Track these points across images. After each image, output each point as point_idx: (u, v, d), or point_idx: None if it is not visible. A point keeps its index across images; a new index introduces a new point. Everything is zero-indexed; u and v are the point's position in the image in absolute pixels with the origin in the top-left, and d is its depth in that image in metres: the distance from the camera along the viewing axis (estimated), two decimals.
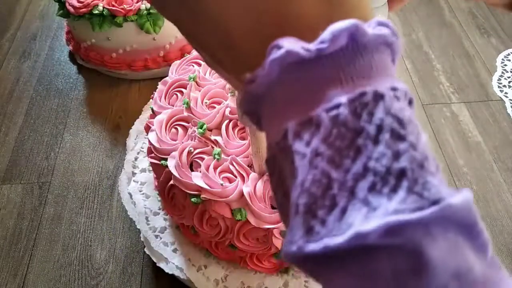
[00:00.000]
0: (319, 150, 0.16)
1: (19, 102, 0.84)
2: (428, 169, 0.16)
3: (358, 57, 0.17)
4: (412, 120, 0.16)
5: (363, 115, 0.16)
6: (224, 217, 0.47)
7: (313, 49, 0.16)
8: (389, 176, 0.15)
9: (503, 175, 0.71)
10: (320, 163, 0.16)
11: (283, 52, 0.16)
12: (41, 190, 0.70)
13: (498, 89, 0.84)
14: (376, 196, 0.15)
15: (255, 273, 0.54)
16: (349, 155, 0.16)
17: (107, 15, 0.78)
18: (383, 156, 0.15)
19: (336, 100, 0.16)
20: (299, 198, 0.16)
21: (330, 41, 0.16)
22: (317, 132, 0.16)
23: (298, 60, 0.17)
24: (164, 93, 0.56)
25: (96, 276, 0.61)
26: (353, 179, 0.15)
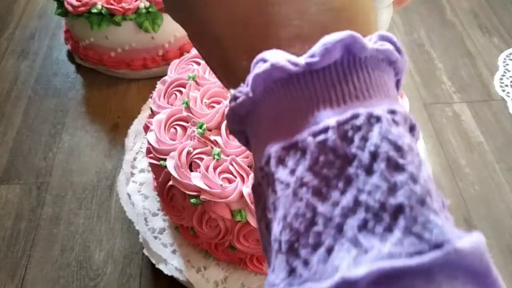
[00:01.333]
0: (304, 179, 0.14)
1: (17, 101, 0.84)
2: (430, 206, 0.14)
3: (353, 74, 0.15)
4: (412, 148, 0.14)
5: (355, 140, 0.14)
6: (224, 218, 0.47)
7: (302, 63, 0.15)
8: (384, 213, 0.13)
9: (505, 175, 0.70)
10: (305, 195, 0.14)
11: (267, 66, 0.15)
12: (39, 191, 0.70)
13: (500, 89, 0.83)
14: (368, 236, 0.13)
15: (255, 274, 0.53)
16: (337, 186, 0.14)
17: (106, 14, 0.78)
18: (377, 189, 0.13)
19: (324, 123, 0.14)
20: (281, 234, 0.14)
21: (322, 55, 0.14)
22: (302, 159, 0.14)
23: (285, 76, 0.15)
24: (163, 93, 0.56)
25: (95, 278, 0.60)
26: (342, 214, 0.13)
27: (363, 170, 0.14)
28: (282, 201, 0.15)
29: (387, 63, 0.16)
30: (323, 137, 0.14)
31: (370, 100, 0.15)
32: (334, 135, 0.14)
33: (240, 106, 0.16)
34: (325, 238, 0.13)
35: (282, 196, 0.15)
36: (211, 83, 0.54)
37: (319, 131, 0.14)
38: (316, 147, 0.14)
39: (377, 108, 0.14)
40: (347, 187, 0.14)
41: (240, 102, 0.16)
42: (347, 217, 0.13)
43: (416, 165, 0.14)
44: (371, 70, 0.15)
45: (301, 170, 0.14)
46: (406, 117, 0.15)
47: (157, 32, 0.80)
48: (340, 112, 0.14)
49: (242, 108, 0.16)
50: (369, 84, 0.15)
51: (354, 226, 0.13)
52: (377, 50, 0.15)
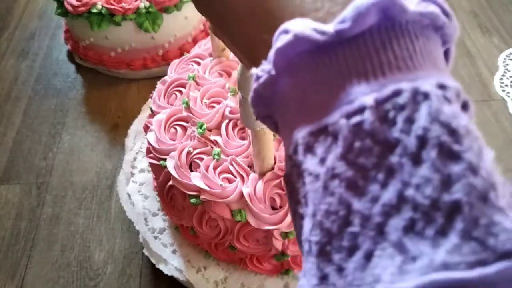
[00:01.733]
0: (336, 170, 0.12)
1: (17, 101, 0.84)
2: (495, 203, 0.11)
3: (393, 42, 0.12)
4: (470, 132, 0.12)
5: (398, 122, 0.11)
6: (224, 218, 0.47)
7: (330, 31, 0.12)
8: (436, 212, 0.11)
9: (505, 176, 0.70)
10: (337, 189, 0.12)
11: (290, 38, 0.12)
12: (39, 191, 0.70)
13: (500, 89, 0.83)
14: (416, 240, 0.11)
15: (255, 274, 0.53)
16: (377, 178, 0.11)
17: (106, 14, 0.78)
18: (427, 183, 0.11)
19: (359, 102, 0.12)
20: (311, 233, 0.12)
21: (354, 20, 0.12)
22: (334, 146, 0.12)
23: (311, 48, 0.13)
24: (163, 93, 0.56)
25: (95, 277, 0.60)
26: (383, 213, 0.11)
27: (409, 159, 0.11)
28: (311, 196, 0.13)
29: (432, 29, 0.13)
30: (359, 119, 0.12)
31: (415, 72, 0.12)
32: (372, 116, 0.12)
33: (263, 87, 0.14)
34: (362, 241, 0.11)
35: (311, 190, 0.12)
36: (211, 83, 0.54)
37: (354, 111, 0.12)
38: (350, 131, 0.12)
39: (424, 81, 0.12)
40: (389, 180, 0.11)
41: (262, 81, 0.14)
42: (389, 216, 0.11)
43: (475, 152, 0.12)
44: (414, 37, 0.13)
45: (333, 159, 0.12)
46: (459, 92, 0.13)
47: (157, 32, 0.80)
48: (378, 87, 0.12)
49: (265, 89, 0.14)
50: (413, 52, 0.12)
51: (398, 228, 0.11)
52: (421, 14, 0.13)
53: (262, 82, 0.14)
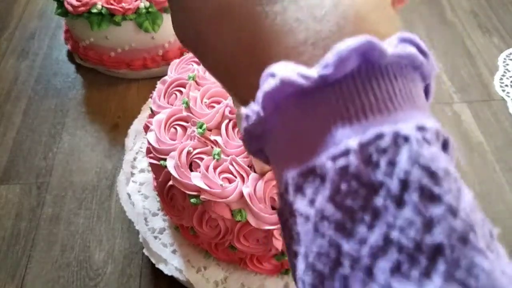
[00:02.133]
0: (325, 212, 0.12)
1: (17, 101, 0.84)
2: (475, 245, 0.12)
3: (373, 84, 0.13)
4: (449, 173, 0.12)
5: (381, 165, 0.12)
6: (224, 218, 0.47)
7: (314, 76, 0.13)
8: (420, 254, 0.11)
9: (505, 176, 0.70)
10: (327, 230, 0.12)
11: (276, 83, 0.13)
12: (39, 191, 0.70)
13: (500, 89, 0.83)
14: (403, 281, 0.11)
15: (255, 274, 0.53)
16: (364, 220, 0.12)
17: (106, 14, 0.78)
18: (410, 225, 0.12)
19: (344, 145, 0.12)
20: (304, 274, 0.13)
21: (336, 65, 0.13)
22: (321, 187, 0.13)
23: (297, 91, 0.13)
24: (163, 93, 0.56)
25: (95, 277, 0.60)
26: (371, 254, 0.12)
27: (393, 201, 0.12)
28: (303, 237, 0.13)
29: (411, 68, 0.14)
30: (344, 162, 0.12)
31: (395, 113, 0.13)
32: (356, 159, 0.12)
33: (253, 126, 0.14)
34: (353, 283, 0.12)
35: (303, 231, 0.13)
36: (211, 83, 0.54)
37: (339, 154, 0.12)
38: (336, 174, 0.12)
39: (404, 124, 0.12)
40: (375, 222, 0.12)
41: (252, 122, 0.14)
42: (377, 257, 0.12)
43: (454, 194, 0.12)
44: (394, 78, 0.13)
45: (321, 201, 0.13)
46: (438, 133, 0.13)
47: (157, 32, 0.80)
48: (361, 130, 0.13)
49: (255, 128, 0.14)
50: (393, 94, 0.13)
51: (385, 269, 0.11)
52: (399, 56, 0.13)
53: (252, 122, 0.14)
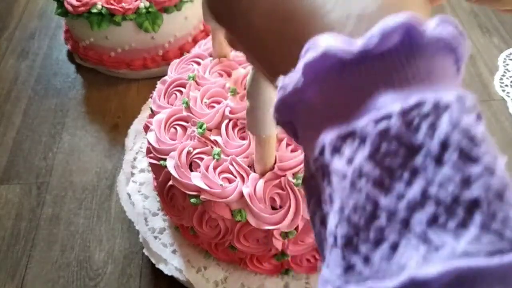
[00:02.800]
0: (364, 169, 0.13)
1: (17, 101, 0.84)
2: (510, 200, 0.12)
3: (415, 59, 0.14)
4: (486, 138, 0.13)
5: (422, 128, 0.13)
6: (224, 218, 0.47)
7: (357, 50, 0.13)
8: (457, 207, 0.12)
9: None
10: (364, 186, 0.13)
11: (318, 54, 0.13)
12: (39, 191, 0.70)
13: (500, 89, 0.83)
14: (439, 232, 0.12)
15: (255, 274, 0.53)
16: (402, 177, 0.12)
17: (106, 14, 0.78)
18: (449, 181, 0.12)
19: (386, 109, 0.13)
20: (338, 227, 0.13)
21: (380, 39, 0.13)
22: (361, 147, 0.13)
23: (339, 62, 0.14)
24: (163, 93, 0.56)
25: (95, 277, 0.60)
26: (408, 208, 0.12)
27: (432, 160, 0.12)
28: (338, 193, 0.14)
29: (448, 50, 0.15)
30: (386, 125, 0.13)
31: (436, 85, 0.14)
32: (398, 122, 0.13)
33: (289, 96, 0.15)
34: (388, 234, 0.12)
35: (339, 188, 0.13)
36: (211, 83, 0.54)
37: (381, 117, 0.13)
38: (377, 135, 0.13)
39: (445, 93, 0.13)
40: (414, 178, 0.12)
41: (289, 91, 0.15)
42: (414, 211, 0.12)
43: (491, 157, 0.13)
44: (431, 56, 0.14)
45: (360, 159, 0.13)
46: (475, 104, 0.14)
47: (157, 32, 0.80)
48: (403, 96, 0.13)
49: (292, 97, 0.15)
50: (433, 68, 0.14)
51: (422, 221, 0.12)
52: (440, 34, 0.14)
53: (289, 91, 0.15)
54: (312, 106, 0.15)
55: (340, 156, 0.14)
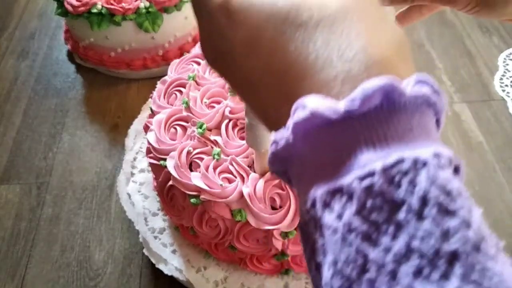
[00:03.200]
0: (352, 225, 0.14)
1: (17, 101, 0.84)
2: (487, 252, 0.14)
3: (393, 118, 0.15)
4: (461, 193, 0.14)
5: (403, 185, 0.14)
6: (224, 218, 0.47)
7: (342, 110, 0.15)
8: (439, 259, 0.13)
9: (505, 176, 0.70)
10: (354, 240, 0.14)
11: (307, 114, 0.15)
12: (39, 191, 0.70)
13: (500, 89, 0.83)
14: (424, 283, 0.13)
15: (255, 274, 0.53)
16: (387, 231, 0.14)
17: (106, 14, 0.78)
18: (429, 235, 0.13)
19: (369, 167, 0.14)
20: (333, 280, 0.14)
21: (362, 101, 0.15)
22: (349, 204, 0.14)
23: (325, 122, 0.15)
24: (163, 93, 0.56)
25: (95, 277, 0.60)
26: (394, 261, 0.13)
27: (414, 215, 0.14)
28: (331, 246, 0.15)
29: (426, 105, 0.16)
30: (370, 182, 0.14)
31: (413, 142, 0.15)
32: (380, 179, 0.14)
33: (281, 151, 0.16)
34: (379, 285, 0.13)
35: (331, 242, 0.15)
36: (211, 83, 0.54)
37: (365, 175, 0.14)
38: (363, 192, 0.14)
39: (422, 151, 0.14)
40: (398, 233, 0.14)
41: (281, 147, 0.16)
42: (400, 263, 0.13)
43: (467, 210, 0.14)
44: (411, 113, 0.15)
45: (349, 215, 0.14)
46: (451, 159, 0.15)
47: (157, 32, 0.80)
48: (383, 155, 0.14)
49: (283, 152, 0.16)
50: (410, 126, 0.15)
51: (409, 273, 0.13)
52: (416, 95, 0.15)
53: (280, 147, 0.16)
54: (303, 160, 0.16)
55: (330, 211, 0.15)
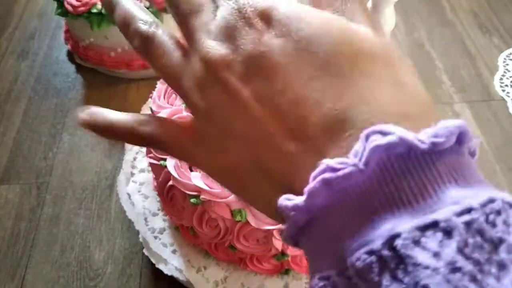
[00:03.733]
0: (457, 263, 0.13)
1: (17, 101, 0.84)
2: None
3: (464, 158, 0.15)
4: None
5: (498, 224, 0.13)
6: (224, 218, 0.47)
7: (428, 142, 0.14)
8: None
9: (505, 176, 0.70)
10: (460, 281, 0.13)
11: (395, 139, 0.14)
12: (39, 191, 0.70)
13: (500, 89, 0.83)
14: None
15: (255, 274, 0.53)
16: (491, 271, 0.13)
17: (106, 13, 0.77)
18: None
19: (466, 203, 0.13)
20: None
21: (447, 136, 0.14)
22: (447, 241, 0.13)
23: (405, 152, 0.14)
24: (163, 93, 0.56)
25: (95, 277, 0.60)
26: None
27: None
28: None
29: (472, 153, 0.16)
30: (469, 218, 0.13)
31: (484, 182, 0.15)
32: (480, 216, 0.13)
33: (342, 178, 0.14)
34: None
35: (432, 284, 0.13)
36: None
37: (463, 211, 0.13)
38: (463, 229, 0.13)
39: (505, 193, 0.14)
40: (502, 273, 0.13)
41: (345, 173, 0.14)
42: None
43: None
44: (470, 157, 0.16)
45: (450, 253, 0.13)
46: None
47: None
48: (471, 193, 0.14)
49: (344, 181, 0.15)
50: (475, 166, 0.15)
51: None
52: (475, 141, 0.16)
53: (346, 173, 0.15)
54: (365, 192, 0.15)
55: (423, 249, 0.13)
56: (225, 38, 0.17)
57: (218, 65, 0.17)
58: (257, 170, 0.17)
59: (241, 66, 0.17)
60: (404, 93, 0.16)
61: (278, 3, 0.17)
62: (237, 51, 0.17)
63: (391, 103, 0.16)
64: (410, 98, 0.16)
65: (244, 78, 0.17)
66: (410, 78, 0.17)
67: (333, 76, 0.16)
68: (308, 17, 0.17)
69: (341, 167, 0.14)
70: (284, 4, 0.17)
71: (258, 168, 0.17)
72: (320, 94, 0.16)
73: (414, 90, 0.17)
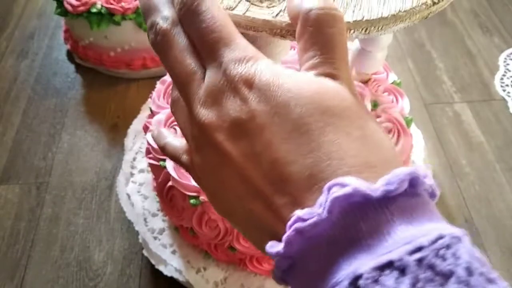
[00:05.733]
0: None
1: (16, 101, 0.83)
2: None
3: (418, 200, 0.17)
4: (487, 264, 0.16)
5: (448, 258, 0.15)
6: (224, 218, 0.47)
7: (380, 190, 0.16)
8: None
9: (505, 175, 0.70)
10: None
11: (349, 190, 0.16)
12: (38, 191, 0.70)
13: (501, 89, 0.83)
14: None
15: (255, 275, 0.53)
16: None
17: (105, 13, 0.77)
18: None
19: (416, 242, 0.15)
20: None
21: (398, 183, 0.16)
22: (401, 278, 0.15)
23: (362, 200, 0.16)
24: (163, 93, 0.56)
25: (94, 278, 0.60)
26: None
27: (464, 285, 0.15)
28: None
29: (431, 196, 0.18)
30: (420, 255, 0.15)
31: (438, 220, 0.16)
32: (430, 252, 0.15)
33: (310, 227, 0.16)
34: None
35: None
36: None
37: (414, 249, 0.15)
38: (415, 266, 0.15)
39: (453, 228, 0.16)
40: None
41: (312, 222, 0.16)
42: None
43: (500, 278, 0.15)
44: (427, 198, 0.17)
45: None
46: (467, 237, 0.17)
47: None
48: (422, 231, 0.16)
49: (312, 229, 0.17)
50: (431, 208, 0.17)
51: None
52: (430, 185, 0.17)
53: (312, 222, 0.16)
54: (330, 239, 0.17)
55: (382, 287, 0.15)
56: (213, 102, 0.20)
57: (209, 129, 0.19)
58: (248, 217, 0.19)
59: (228, 129, 0.19)
60: (368, 144, 0.18)
61: (259, 71, 0.19)
62: (224, 117, 0.19)
63: (356, 155, 0.17)
64: (374, 148, 0.18)
65: (231, 139, 0.19)
66: (375, 129, 0.19)
67: (303, 135, 0.18)
68: (284, 83, 0.19)
69: (308, 217, 0.16)
70: (264, 71, 0.19)
71: (249, 216, 0.19)
72: (292, 154, 0.18)
73: (378, 140, 0.18)
